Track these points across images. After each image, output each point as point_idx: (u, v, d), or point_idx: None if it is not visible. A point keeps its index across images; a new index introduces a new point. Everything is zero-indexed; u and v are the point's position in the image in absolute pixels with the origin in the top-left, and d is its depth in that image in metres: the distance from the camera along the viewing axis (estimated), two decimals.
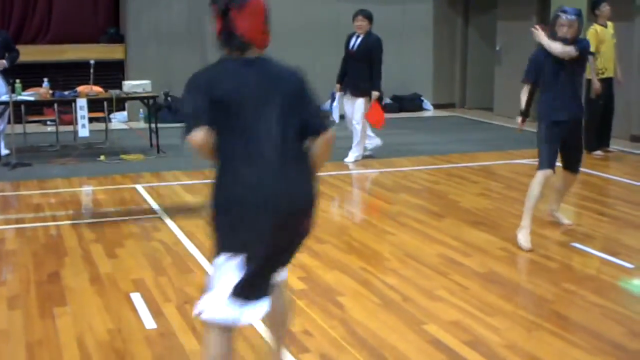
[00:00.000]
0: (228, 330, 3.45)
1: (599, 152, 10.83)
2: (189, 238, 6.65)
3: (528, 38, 8.99)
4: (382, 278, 5.70)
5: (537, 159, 6.62)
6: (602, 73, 10.62)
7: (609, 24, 10.69)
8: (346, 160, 10.24)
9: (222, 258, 3.38)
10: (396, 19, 15.82)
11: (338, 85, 10.52)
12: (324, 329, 4.77)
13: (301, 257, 6.12)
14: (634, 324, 4.88)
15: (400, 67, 15.89)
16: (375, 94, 10.20)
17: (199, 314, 3.46)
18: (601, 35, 10.52)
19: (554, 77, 6.47)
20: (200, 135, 3.30)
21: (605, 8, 10.60)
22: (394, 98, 15.98)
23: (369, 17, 10.22)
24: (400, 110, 15.82)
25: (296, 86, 3.43)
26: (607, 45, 10.58)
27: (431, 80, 16.47)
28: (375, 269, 5.92)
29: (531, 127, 6.89)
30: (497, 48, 15.03)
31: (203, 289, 3.60)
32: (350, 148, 10.33)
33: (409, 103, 16.00)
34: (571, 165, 6.76)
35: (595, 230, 7.05)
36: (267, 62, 3.46)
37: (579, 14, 6.44)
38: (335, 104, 10.71)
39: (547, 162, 6.48)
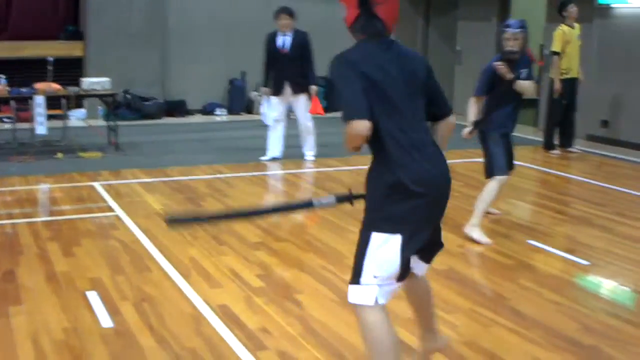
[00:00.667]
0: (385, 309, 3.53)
1: (557, 152, 10.96)
2: (147, 236, 6.60)
3: (488, 39, 9.14)
4: (341, 276, 5.69)
5: None
6: (566, 73, 10.77)
7: (576, 25, 10.85)
8: (307, 157, 10.25)
9: (382, 239, 3.41)
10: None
11: (267, 89, 10.31)
12: (282, 326, 4.76)
13: (260, 255, 6.15)
14: (588, 320, 4.94)
15: None
16: (314, 88, 10.28)
17: (373, 302, 3.46)
18: (568, 35, 10.69)
19: (510, 91, 6.60)
20: (365, 123, 3.29)
21: (572, 9, 10.76)
22: None
23: (292, 14, 10.20)
24: None
25: (425, 69, 3.55)
26: (572, 46, 10.75)
27: None
28: (334, 267, 5.91)
29: None
30: (458, 48, 15.13)
31: (355, 272, 3.52)
32: (299, 146, 10.42)
33: None
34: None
35: (552, 228, 7.13)
36: (398, 45, 3.56)
37: (522, 25, 6.62)
38: (265, 108, 10.57)
39: (505, 168, 6.66)
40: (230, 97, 14.96)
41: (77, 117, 13.43)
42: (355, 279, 3.50)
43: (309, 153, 10.33)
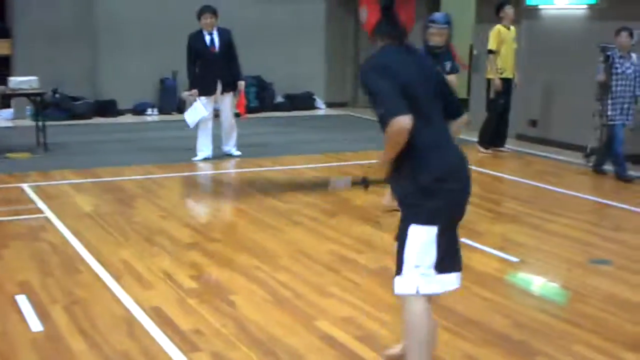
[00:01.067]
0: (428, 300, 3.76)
1: (489, 151, 11.12)
2: (77, 238, 6.49)
3: (417, 38, 9.14)
4: (274, 275, 5.70)
5: None
6: (501, 73, 10.93)
7: (512, 27, 11.02)
8: (234, 153, 10.34)
9: (419, 230, 3.63)
10: (289, 18, 15.89)
11: (195, 90, 10.12)
12: (216, 327, 4.74)
13: (192, 255, 6.11)
14: (518, 316, 5.03)
15: (293, 66, 15.96)
16: (242, 83, 10.31)
17: (415, 291, 3.67)
18: (503, 35, 10.86)
19: None
20: (407, 119, 3.46)
21: (509, 10, 10.92)
22: (287, 97, 16.02)
23: (216, 12, 10.21)
24: (293, 108, 15.86)
25: (436, 72, 3.85)
26: (507, 46, 10.91)
27: (323, 79, 16.59)
28: (267, 266, 5.90)
29: None
30: None
31: (398, 264, 3.71)
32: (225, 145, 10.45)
33: (301, 101, 16.06)
34: None
35: (483, 227, 7.22)
36: (416, 49, 3.83)
37: (448, 21, 6.80)
38: (191, 109, 10.31)
39: None
40: (161, 97, 14.80)
41: (4, 117, 13.16)
42: (399, 270, 3.72)
43: (235, 149, 10.35)
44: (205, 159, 10.15)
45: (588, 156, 10.42)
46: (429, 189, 3.61)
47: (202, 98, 10.13)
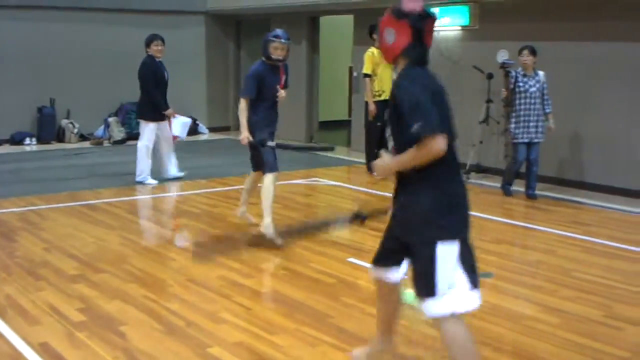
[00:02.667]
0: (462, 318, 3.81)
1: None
2: None
3: (299, 61, 9.33)
4: (165, 304, 5.64)
5: (311, 178, 6.85)
6: (379, 95, 10.99)
7: None
8: (182, 174, 10.72)
9: (446, 248, 3.68)
10: (169, 43, 15.74)
11: (171, 110, 10.75)
12: None
13: (79, 288, 5.98)
14: (408, 332, 5.13)
15: (175, 91, 15.80)
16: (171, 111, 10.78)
17: (452, 311, 3.72)
18: (377, 58, 10.82)
19: (274, 94, 7.39)
20: (444, 141, 3.56)
21: None
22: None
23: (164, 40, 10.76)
24: None
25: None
26: (383, 68, 10.90)
27: (206, 104, 16.58)
28: (157, 296, 5.84)
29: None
30: None
31: (429, 287, 3.72)
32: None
33: None
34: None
35: (370, 245, 7.33)
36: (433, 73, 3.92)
37: (289, 37, 7.40)
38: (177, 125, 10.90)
39: (276, 166, 7.32)
40: (39, 126, 14.44)
41: None
42: (432, 292, 3.72)
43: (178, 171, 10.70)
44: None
45: (468, 173, 10.75)
46: (450, 209, 3.74)
47: (153, 124, 10.58)
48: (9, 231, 7.77)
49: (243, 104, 7.30)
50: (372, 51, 11.00)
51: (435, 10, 11.91)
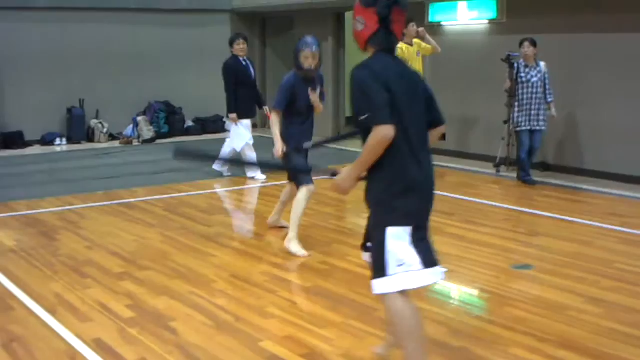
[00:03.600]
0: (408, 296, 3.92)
1: None
2: (4, 275, 6.36)
3: (325, 58, 9.35)
4: (212, 300, 5.72)
5: None
6: None
7: (415, 41, 11.17)
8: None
9: (399, 231, 3.78)
10: (196, 41, 15.93)
11: (235, 115, 10.51)
12: (161, 355, 4.73)
13: (125, 285, 6.07)
14: (454, 323, 5.20)
15: (201, 89, 15.98)
16: (266, 108, 10.65)
17: (400, 288, 3.83)
18: (407, 53, 10.90)
19: (309, 106, 7.08)
20: (391, 129, 3.66)
21: (412, 28, 11.08)
22: (196, 120, 16.03)
23: (247, 39, 10.66)
24: (204, 132, 15.89)
25: (422, 82, 4.01)
26: (412, 64, 10.97)
27: None
28: (203, 291, 5.93)
29: None
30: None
31: (379, 267, 3.86)
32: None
33: (211, 125, 16.09)
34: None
35: None
36: (401, 59, 4.05)
37: (319, 43, 7.06)
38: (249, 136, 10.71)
39: (311, 179, 7.01)
40: (69, 126, 14.59)
41: None
42: (381, 272, 3.86)
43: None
44: (252, 178, 10.57)
45: (498, 166, 10.79)
46: (402, 195, 3.79)
47: (245, 121, 10.50)
48: (50, 230, 7.88)
49: (274, 117, 6.97)
50: (401, 47, 11.02)
51: (463, 4, 11.95)
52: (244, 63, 10.46)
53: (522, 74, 10.09)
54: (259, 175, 10.56)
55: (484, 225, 7.97)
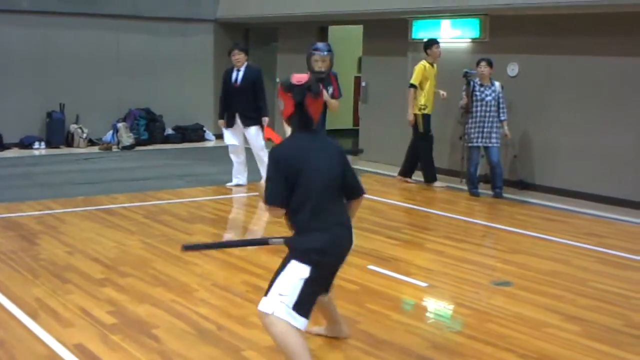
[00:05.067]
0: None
1: (440, 184, 11.39)
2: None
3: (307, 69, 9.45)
4: (194, 308, 5.73)
5: None
6: (424, 109, 11.17)
7: (435, 65, 11.28)
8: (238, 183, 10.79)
9: (298, 267, 4.20)
10: (177, 50, 15.95)
11: (222, 121, 10.66)
12: None
13: (107, 291, 6.07)
14: (435, 338, 5.25)
15: (182, 97, 16.01)
16: (266, 119, 10.51)
17: (272, 312, 4.17)
18: (428, 72, 11.09)
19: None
20: (279, 212, 4.29)
21: (436, 49, 11.20)
22: (177, 128, 16.02)
23: (245, 50, 10.61)
24: (183, 140, 15.89)
25: (342, 157, 4.45)
26: (430, 84, 11.15)
27: (212, 110, 16.63)
28: (185, 300, 5.93)
29: None
30: (277, 80, 15.47)
31: (270, 288, 4.27)
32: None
33: (192, 133, 16.10)
34: None
35: (387, 253, 7.46)
36: (321, 135, 4.58)
37: (330, 49, 7.56)
38: (227, 139, 10.81)
39: None
40: (48, 130, 14.52)
41: None
42: (267, 292, 4.30)
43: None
44: (238, 186, 10.74)
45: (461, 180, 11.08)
46: (314, 251, 4.22)
47: (227, 130, 10.64)
48: (30, 234, 7.85)
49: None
50: (424, 64, 11.15)
51: (446, 22, 12.06)
52: (235, 73, 10.47)
53: (477, 92, 10.47)
54: (243, 180, 10.82)
55: (463, 241, 8.04)
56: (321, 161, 4.29)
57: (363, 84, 14.03)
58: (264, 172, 10.44)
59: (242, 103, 10.46)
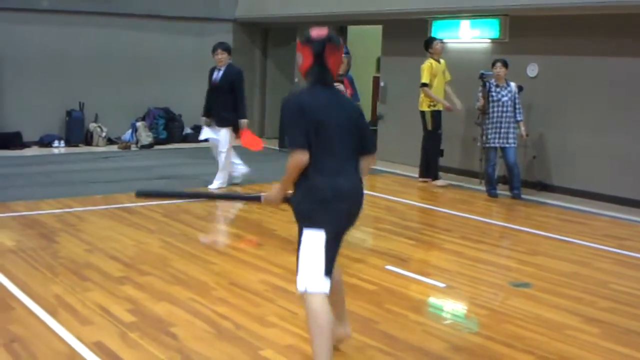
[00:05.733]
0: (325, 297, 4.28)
1: (442, 181, 11.40)
2: (4, 275, 6.36)
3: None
4: (212, 307, 5.74)
5: None
6: (434, 105, 11.22)
7: (442, 61, 11.35)
8: (210, 187, 10.51)
9: (311, 234, 4.23)
10: (196, 49, 15.96)
11: (204, 118, 10.73)
12: None
13: (126, 289, 6.09)
14: (454, 339, 5.23)
15: (201, 97, 15.91)
16: (243, 122, 10.45)
17: (304, 289, 4.23)
18: (435, 69, 11.19)
19: None
20: (303, 155, 4.15)
21: (437, 45, 11.26)
22: (195, 128, 16.01)
23: (228, 49, 10.53)
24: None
25: (358, 114, 4.46)
26: (438, 80, 11.22)
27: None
28: (203, 298, 5.94)
29: None
30: (296, 80, 15.48)
31: (298, 265, 4.30)
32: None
33: None
34: None
35: (406, 254, 7.45)
36: (338, 91, 4.54)
37: (347, 51, 7.60)
38: (203, 135, 10.91)
39: None
40: (68, 129, 14.60)
41: None
42: (297, 270, 4.31)
43: (215, 182, 10.66)
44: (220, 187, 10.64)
45: (481, 182, 11.07)
46: (319, 208, 4.22)
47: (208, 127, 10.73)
48: (49, 232, 7.89)
49: None
50: (431, 62, 11.23)
51: (466, 22, 12.03)
52: (216, 72, 10.57)
53: (494, 93, 10.48)
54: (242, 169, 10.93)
55: (481, 242, 8.01)
56: (336, 113, 4.30)
57: (382, 84, 14.02)
58: (220, 177, 10.57)
59: (219, 102, 10.48)
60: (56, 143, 14.43)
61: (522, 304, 6.04)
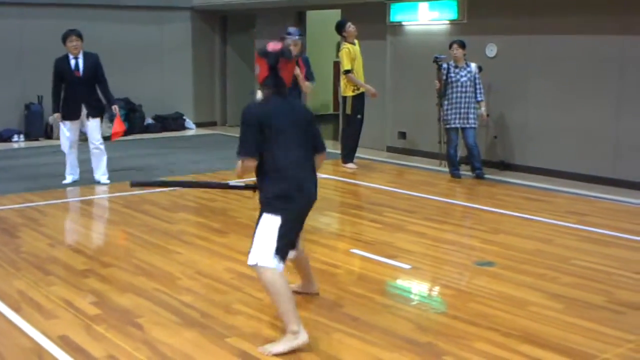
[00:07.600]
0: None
1: (353, 165, 11.38)
2: None
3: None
4: (177, 297, 5.72)
5: None
6: (357, 89, 11.22)
7: (356, 42, 11.33)
8: (102, 181, 10.18)
9: (270, 218, 4.71)
10: (155, 39, 15.85)
11: (59, 114, 10.03)
12: (129, 352, 4.72)
13: (90, 282, 6.05)
14: (420, 319, 5.27)
15: (161, 86, 15.92)
16: (116, 107, 10.16)
17: (255, 263, 4.69)
18: (353, 53, 11.15)
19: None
20: (251, 163, 4.70)
21: (350, 28, 11.25)
22: (156, 118, 15.95)
23: (81, 36, 10.00)
24: (163, 129, 15.82)
25: (310, 118, 4.96)
26: (357, 62, 11.21)
27: (192, 99, 16.60)
28: (168, 288, 5.92)
29: None
30: (255, 89, 15.42)
31: (252, 242, 4.75)
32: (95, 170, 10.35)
33: (171, 122, 16.04)
34: None
35: (371, 237, 7.48)
36: (291, 99, 5.04)
37: (301, 34, 8.04)
38: (66, 135, 10.22)
39: None
40: (27, 122, 14.43)
41: None
42: (251, 247, 4.80)
43: (104, 177, 10.23)
44: (74, 182, 10.16)
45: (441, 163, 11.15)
46: (279, 198, 4.71)
47: (67, 122, 10.02)
48: (11, 227, 7.80)
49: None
50: (348, 47, 11.19)
51: (424, 5, 12.05)
52: (73, 61, 9.94)
53: (452, 74, 10.54)
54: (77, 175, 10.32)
55: (445, 222, 8.06)
56: (289, 119, 4.76)
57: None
58: (100, 166, 10.23)
59: (87, 93, 9.94)
60: (15, 137, 14.26)
61: (486, 282, 6.09)
